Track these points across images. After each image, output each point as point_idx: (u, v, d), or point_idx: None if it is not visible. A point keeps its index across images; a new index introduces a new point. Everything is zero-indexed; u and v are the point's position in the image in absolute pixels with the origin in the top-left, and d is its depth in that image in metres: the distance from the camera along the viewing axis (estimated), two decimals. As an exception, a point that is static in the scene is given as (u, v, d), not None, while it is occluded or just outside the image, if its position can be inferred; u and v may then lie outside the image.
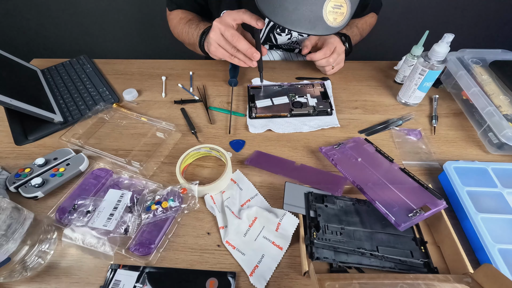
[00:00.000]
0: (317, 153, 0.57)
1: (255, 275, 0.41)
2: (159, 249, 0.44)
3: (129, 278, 0.40)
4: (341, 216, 0.45)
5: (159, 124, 0.62)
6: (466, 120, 0.64)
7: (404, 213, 0.41)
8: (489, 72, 0.63)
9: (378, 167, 0.50)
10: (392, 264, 0.40)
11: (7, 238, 0.37)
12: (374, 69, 0.79)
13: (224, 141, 0.61)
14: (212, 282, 0.40)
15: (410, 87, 0.63)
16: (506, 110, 0.55)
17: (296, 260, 0.43)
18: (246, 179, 0.53)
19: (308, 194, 0.47)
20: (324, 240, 0.41)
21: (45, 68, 0.79)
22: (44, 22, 1.53)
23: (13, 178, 0.51)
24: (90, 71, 0.78)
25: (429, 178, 0.53)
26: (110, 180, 0.52)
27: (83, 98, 0.70)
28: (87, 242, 0.42)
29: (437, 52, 0.56)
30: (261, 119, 0.64)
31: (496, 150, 0.56)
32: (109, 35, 1.60)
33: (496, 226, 0.42)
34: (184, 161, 0.53)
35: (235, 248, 0.44)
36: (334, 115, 0.65)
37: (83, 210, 0.45)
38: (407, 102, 0.67)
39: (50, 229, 0.45)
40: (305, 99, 0.67)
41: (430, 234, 0.45)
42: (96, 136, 0.62)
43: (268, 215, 0.46)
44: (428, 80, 0.60)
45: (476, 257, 0.43)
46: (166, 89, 0.74)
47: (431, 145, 0.59)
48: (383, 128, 0.62)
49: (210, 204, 0.49)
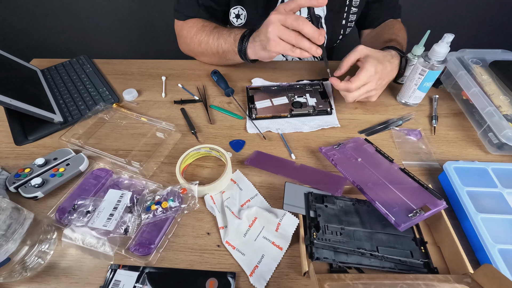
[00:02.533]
0: (317, 153, 0.57)
1: (255, 275, 0.41)
2: (159, 249, 0.44)
3: (129, 278, 0.40)
4: (341, 216, 0.45)
5: (159, 124, 0.62)
6: (466, 120, 0.64)
7: (404, 213, 0.41)
8: (489, 72, 0.63)
9: (378, 167, 0.50)
10: (392, 264, 0.40)
11: (7, 238, 0.37)
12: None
13: (224, 141, 0.61)
14: (212, 282, 0.40)
15: (410, 87, 0.63)
16: (506, 110, 0.55)
17: (296, 260, 0.43)
18: (246, 179, 0.53)
19: (308, 194, 0.47)
20: (324, 240, 0.41)
21: (45, 68, 0.79)
22: (44, 22, 1.53)
23: (13, 178, 0.51)
24: (90, 71, 0.78)
25: (429, 178, 0.53)
26: (110, 180, 0.52)
27: (83, 98, 0.70)
28: (87, 242, 0.42)
29: (437, 52, 0.56)
30: (261, 120, 0.64)
31: (496, 150, 0.56)
32: (109, 35, 1.60)
33: (496, 226, 0.42)
34: (184, 161, 0.53)
35: (235, 248, 0.44)
36: (334, 115, 0.65)
37: (83, 210, 0.45)
38: (407, 102, 0.67)
39: (50, 229, 0.45)
40: (304, 99, 0.67)
41: (430, 234, 0.45)
42: (96, 136, 0.62)
43: (268, 215, 0.46)
44: (428, 80, 0.60)
45: (476, 257, 0.43)
46: (166, 89, 0.74)
47: (431, 145, 0.59)
48: (383, 128, 0.62)
49: (210, 204, 0.49)
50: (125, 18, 1.52)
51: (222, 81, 0.72)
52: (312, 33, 0.53)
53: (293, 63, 0.82)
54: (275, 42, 0.55)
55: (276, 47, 0.56)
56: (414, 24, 1.41)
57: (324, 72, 0.76)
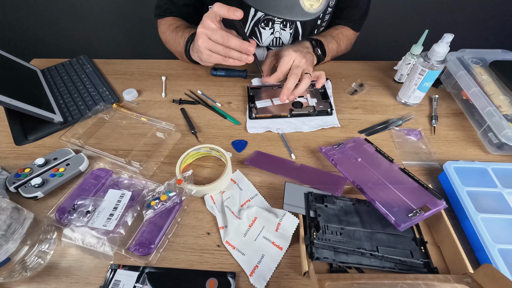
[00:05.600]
0: (317, 153, 0.57)
1: (255, 275, 0.41)
2: (159, 249, 0.44)
3: (129, 278, 0.40)
4: (341, 216, 0.45)
5: (159, 124, 0.62)
6: (466, 120, 0.64)
7: (404, 213, 0.41)
8: (489, 72, 0.63)
9: (378, 167, 0.50)
10: (392, 264, 0.40)
11: (7, 238, 0.37)
12: (374, 69, 0.79)
13: (224, 141, 0.61)
14: (212, 282, 0.40)
15: (410, 87, 0.63)
16: (506, 110, 0.55)
17: (296, 260, 0.43)
18: (246, 179, 0.53)
19: (308, 194, 0.47)
20: (324, 240, 0.41)
21: (45, 68, 0.79)
22: (44, 22, 1.53)
23: (13, 178, 0.51)
24: (90, 71, 0.78)
25: (429, 178, 0.53)
26: (110, 180, 0.52)
27: (83, 98, 0.70)
28: (87, 242, 0.42)
29: (436, 52, 0.56)
30: (261, 119, 0.64)
31: (496, 150, 0.56)
32: (109, 35, 1.60)
33: (496, 226, 0.42)
34: (184, 161, 0.53)
35: (235, 248, 0.44)
36: (334, 115, 0.65)
37: (83, 210, 0.45)
38: (407, 102, 0.67)
39: (50, 229, 0.45)
40: (304, 99, 0.67)
41: (430, 234, 0.45)
42: (96, 136, 0.62)
43: (268, 215, 0.46)
44: (428, 80, 0.60)
45: (476, 257, 0.43)
46: (166, 89, 0.74)
47: (431, 145, 0.59)
48: (383, 128, 0.62)
49: (210, 204, 0.49)
50: (125, 18, 1.52)
51: (231, 70, 0.74)
52: (239, 47, 0.55)
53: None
54: (207, 55, 0.58)
55: (209, 59, 0.59)
56: (414, 24, 1.42)
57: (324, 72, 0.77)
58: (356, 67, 0.79)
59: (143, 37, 1.59)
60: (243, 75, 0.75)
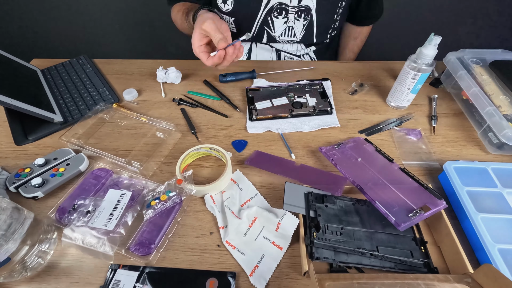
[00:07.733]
0: (317, 153, 0.57)
1: (255, 275, 0.41)
2: (159, 249, 0.44)
3: (129, 278, 0.40)
4: (341, 216, 0.45)
5: (159, 124, 0.62)
6: (466, 120, 0.64)
7: (404, 213, 0.41)
8: (489, 72, 0.63)
9: (378, 167, 0.50)
10: (392, 264, 0.40)
11: (7, 238, 0.37)
12: (374, 69, 0.79)
13: (224, 141, 0.61)
14: (212, 282, 0.40)
15: (402, 91, 0.63)
16: (506, 110, 0.55)
17: (296, 260, 0.43)
18: (246, 179, 0.53)
19: (308, 194, 0.47)
20: (324, 240, 0.41)
21: (45, 68, 0.79)
22: (44, 22, 1.54)
23: (13, 178, 0.51)
24: (90, 71, 0.78)
25: (429, 178, 0.53)
26: (110, 180, 0.52)
27: (83, 98, 0.70)
28: (87, 242, 0.42)
29: (424, 55, 0.56)
30: (261, 121, 0.64)
31: (496, 150, 0.56)
32: (109, 35, 1.60)
33: (496, 226, 0.42)
34: (184, 161, 0.53)
35: (235, 248, 0.44)
36: (334, 115, 0.65)
37: (83, 210, 0.45)
38: (399, 105, 0.66)
39: (50, 229, 0.45)
40: (304, 99, 0.67)
41: (430, 234, 0.45)
42: (96, 136, 0.62)
43: (268, 215, 0.46)
44: (421, 82, 0.60)
45: (476, 257, 0.43)
46: (166, 89, 0.74)
47: (431, 145, 0.59)
48: (383, 128, 0.62)
49: (210, 204, 0.49)
50: (125, 18, 1.52)
51: (240, 73, 0.75)
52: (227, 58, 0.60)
53: (293, 63, 0.82)
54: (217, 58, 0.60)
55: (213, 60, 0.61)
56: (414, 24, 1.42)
57: (324, 72, 0.77)
58: (356, 67, 0.79)
59: (143, 37, 1.59)
60: (253, 76, 0.75)
